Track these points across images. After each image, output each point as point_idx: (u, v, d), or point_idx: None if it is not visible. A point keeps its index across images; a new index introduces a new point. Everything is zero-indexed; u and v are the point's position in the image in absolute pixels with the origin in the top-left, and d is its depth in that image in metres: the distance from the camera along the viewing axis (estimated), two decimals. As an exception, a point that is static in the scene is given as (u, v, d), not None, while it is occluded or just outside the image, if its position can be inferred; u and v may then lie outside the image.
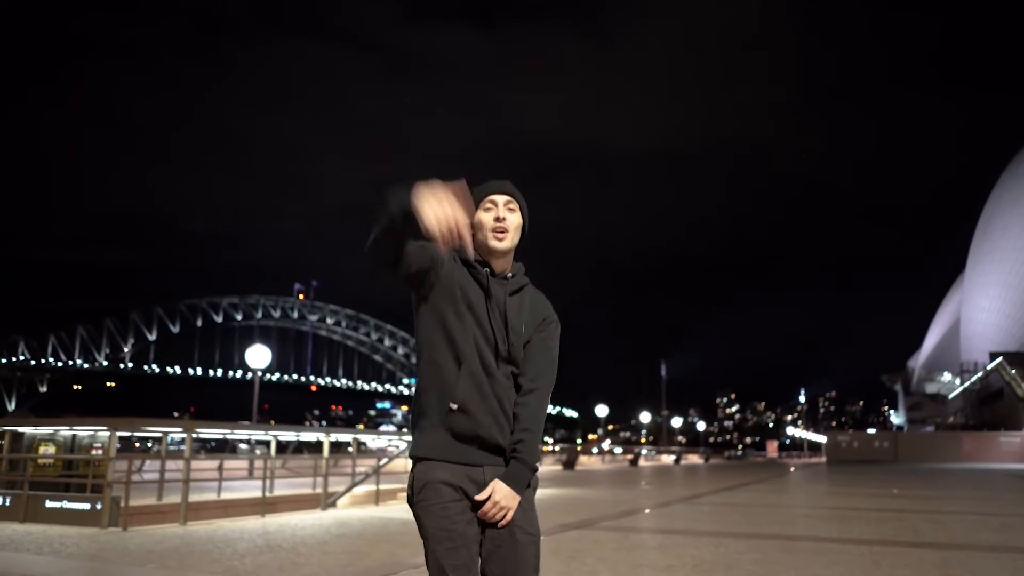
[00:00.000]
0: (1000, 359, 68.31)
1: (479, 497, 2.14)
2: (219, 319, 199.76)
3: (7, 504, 9.44)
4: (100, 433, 11.04)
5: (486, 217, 2.32)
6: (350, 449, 18.48)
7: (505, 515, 2.15)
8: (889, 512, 12.14)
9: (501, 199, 2.34)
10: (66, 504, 9.03)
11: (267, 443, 17.43)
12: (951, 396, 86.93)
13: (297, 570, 6.11)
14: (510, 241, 2.32)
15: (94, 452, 11.03)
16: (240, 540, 7.90)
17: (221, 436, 25.50)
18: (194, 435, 14.17)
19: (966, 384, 79.73)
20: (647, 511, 12.23)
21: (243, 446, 30.28)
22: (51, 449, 10.87)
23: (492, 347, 2.25)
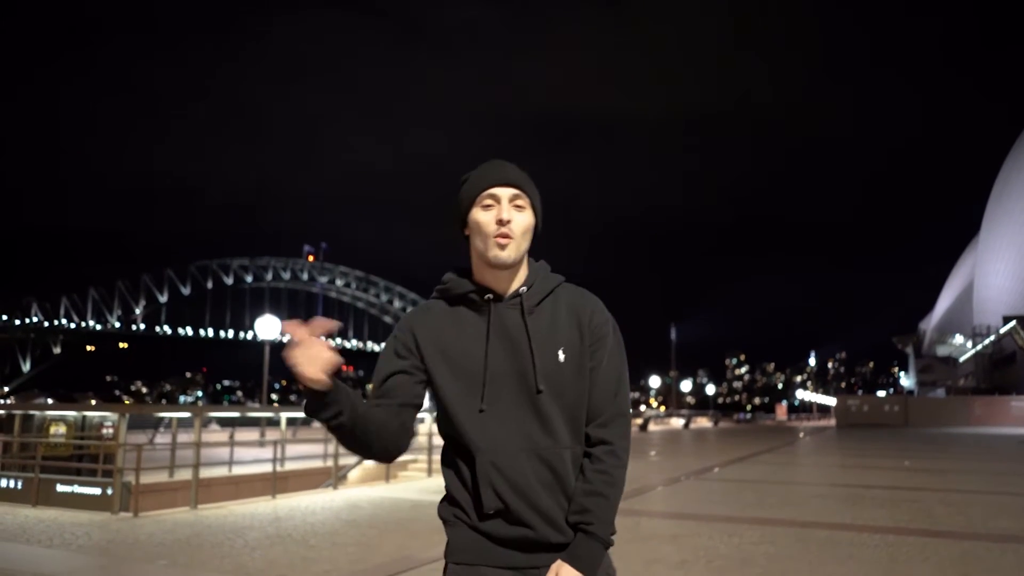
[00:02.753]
0: (1013, 323, 67.98)
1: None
2: (229, 281, 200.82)
3: (19, 487, 9.46)
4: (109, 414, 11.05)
5: (485, 218, 1.69)
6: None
7: None
8: (903, 491, 12.05)
9: (505, 193, 1.70)
10: (77, 489, 9.03)
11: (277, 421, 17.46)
12: (962, 359, 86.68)
13: (308, 567, 6.07)
14: (515, 249, 1.69)
15: (104, 431, 11.05)
16: (250, 529, 7.88)
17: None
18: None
19: (978, 347, 79.44)
20: (659, 488, 12.19)
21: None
22: (62, 429, 10.88)
23: (521, 402, 1.67)
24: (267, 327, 22.72)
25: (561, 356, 1.69)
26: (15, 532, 7.52)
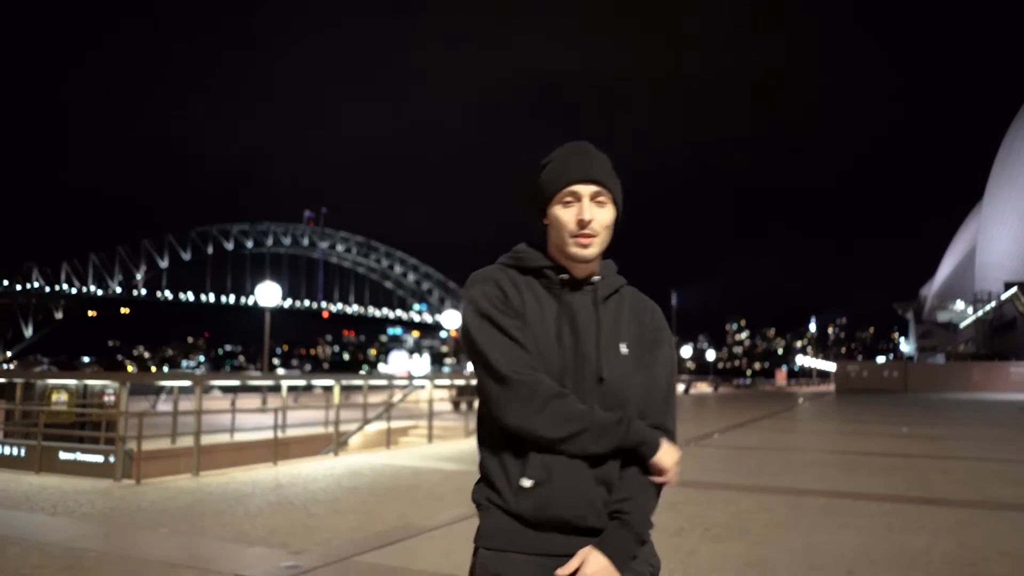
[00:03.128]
0: (1015, 289, 67.93)
1: (562, 571, 1.58)
2: (230, 246, 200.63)
3: (22, 455, 9.54)
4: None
5: (565, 215, 1.69)
6: (359, 383, 18.61)
7: None
8: (899, 458, 12.14)
9: (587, 190, 1.68)
10: (80, 456, 9.10)
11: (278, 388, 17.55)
12: (963, 325, 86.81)
13: (309, 535, 6.13)
14: (599, 247, 1.71)
15: (106, 399, 11.10)
16: (252, 496, 7.95)
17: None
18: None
19: (978, 313, 79.50)
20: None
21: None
22: (63, 396, 10.94)
23: (580, 386, 1.65)
24: (267, 294, 22.74)
25: (624, 349, 1.71)
26: (19, 500, 7.59)
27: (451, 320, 41.91)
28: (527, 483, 1.60)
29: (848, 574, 5.12)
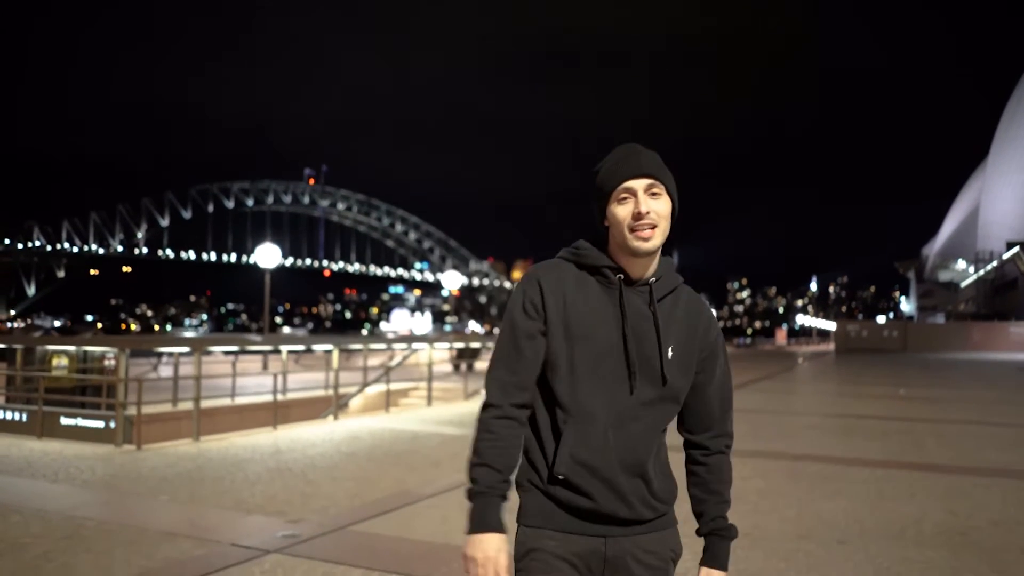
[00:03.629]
0: (1017, 248, 67.80)
1: None
2: (230, 205, 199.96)
3: (24, 420, 9.62)
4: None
5: (622, 211, 1.73)
6: (358, 346, 18.69)
7: None
8: (895, 422, 12.23)
9: (640, 184, 1.73)
10: (81, 422, 9.17)
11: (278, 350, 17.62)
12: (964, 285, 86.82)
13: (307, 503, 6.20)
14: (660, 237, 1.74)
15: (107, 363, 11.16)
16: (251, 461, 8.03)
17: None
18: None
19: (980, 273, 79.44)
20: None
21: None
22: (64, 361, 10.99)
23: (628, 383, 1.72)
24: (267, 255, 22.72)
25: (670, 353, 1.76)
26: (21, 466, 7.67)
27: (452, 280, 41.89)
28: (560, 476, 1.72)
29: (838, 543, 5.18)
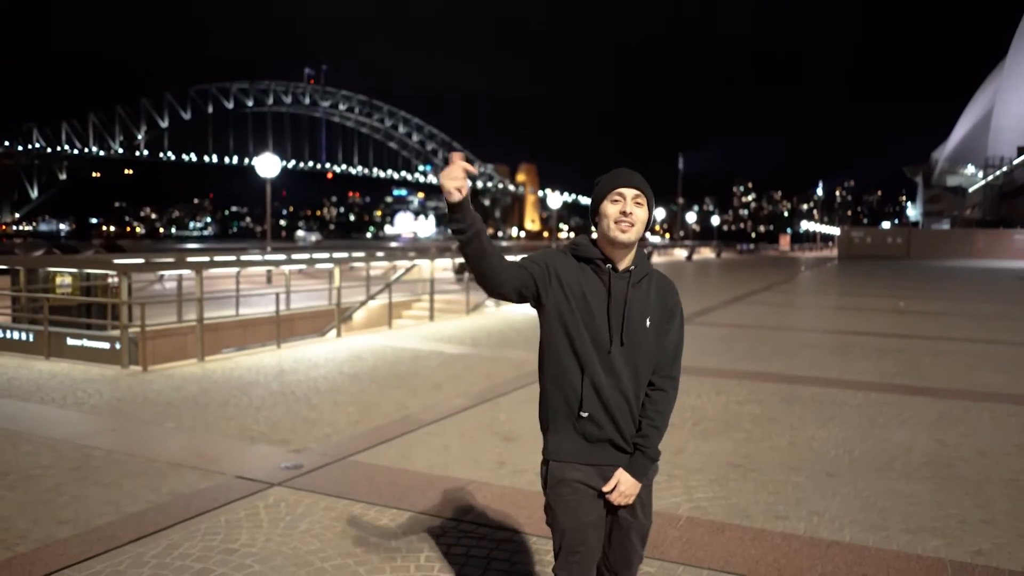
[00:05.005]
0: (1028, 154, 66.82)
1: (605, 488, 2.36)
2: (230, 105, 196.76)
3: (31, 340, 9.74)
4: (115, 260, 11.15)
5: (612, 209, 2.32)
6: (360, 264, 18.74)
7: (628, 501, 2.38)
8: (893, 339, 12.35)
9: (630, 193, 2.33)
10: (87, 343, 9.29)
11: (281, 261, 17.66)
12: (971, 190, 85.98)
13: (310, 430, 6.34)
14: (635, 234, 2.32)
15: (110, 280, 11.22)
16: (255, 384, 8.17)
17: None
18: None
19: (989, 178, 78.56)
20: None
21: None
22: (67, 280, 11.05)
23: (615, 346, 2.32)
24: (267, 165, 22.42)
25: (648, 323, 2.37)
26: (31, 390, 7.82)
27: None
28: (584, 414, 2.33)
29: (827, 475, 5.31)
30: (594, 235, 2.45)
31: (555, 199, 59.82)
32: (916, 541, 4.16)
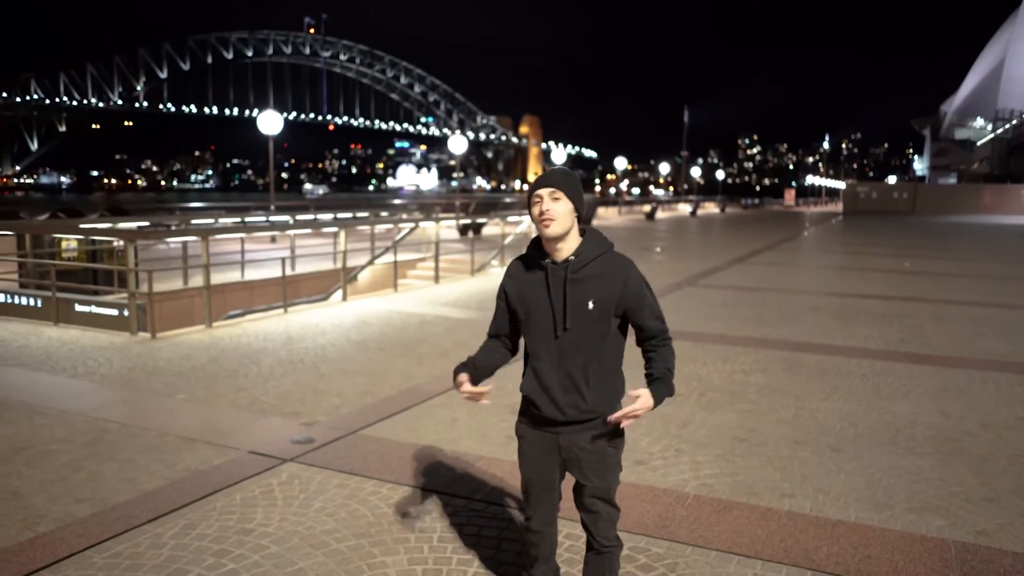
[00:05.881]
0: (1038, 107, 65.97)
1: (634, 393, 2.62)
2: (229, 56, 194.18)
3: (40, 305, 9.77)
4: (120, 225, 11.15)
5: (534, 211, 2.58)
6: (365, 227, 18.70)
7: (637, 416, 2.60)
8: (897, 302, 12.36)
9: (546, 191, 2.56)
10: (95, 309, 9.32)
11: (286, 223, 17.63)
12: (980, 143, 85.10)
13: (319, 401, 6.41)
14: (559, 227, 2.55)
15: (116, 244, 11.23)
16: (264, 353, 8.22)
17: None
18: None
19: (998, 131, 77.70)
20: (660, 299, 12.52)
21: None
22: (73, 244, 11.06)
23: (560, 331, 2.61)
24: (269, 122, 22.22)
25: (590, 305, 2.58)
26: (41, 358, 7.87)
27: (458, 144, 41.25)
28: (524, 394, 2.75)
29: (832, 451, 5.37)
30: None
31: (559, 153, 59.41)
32: (920, 521, 4.23)
